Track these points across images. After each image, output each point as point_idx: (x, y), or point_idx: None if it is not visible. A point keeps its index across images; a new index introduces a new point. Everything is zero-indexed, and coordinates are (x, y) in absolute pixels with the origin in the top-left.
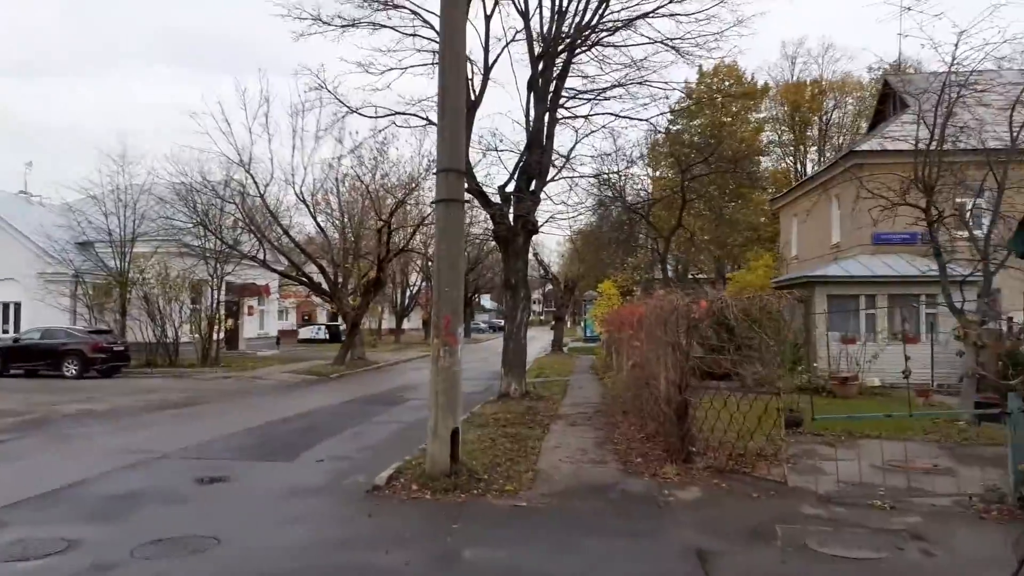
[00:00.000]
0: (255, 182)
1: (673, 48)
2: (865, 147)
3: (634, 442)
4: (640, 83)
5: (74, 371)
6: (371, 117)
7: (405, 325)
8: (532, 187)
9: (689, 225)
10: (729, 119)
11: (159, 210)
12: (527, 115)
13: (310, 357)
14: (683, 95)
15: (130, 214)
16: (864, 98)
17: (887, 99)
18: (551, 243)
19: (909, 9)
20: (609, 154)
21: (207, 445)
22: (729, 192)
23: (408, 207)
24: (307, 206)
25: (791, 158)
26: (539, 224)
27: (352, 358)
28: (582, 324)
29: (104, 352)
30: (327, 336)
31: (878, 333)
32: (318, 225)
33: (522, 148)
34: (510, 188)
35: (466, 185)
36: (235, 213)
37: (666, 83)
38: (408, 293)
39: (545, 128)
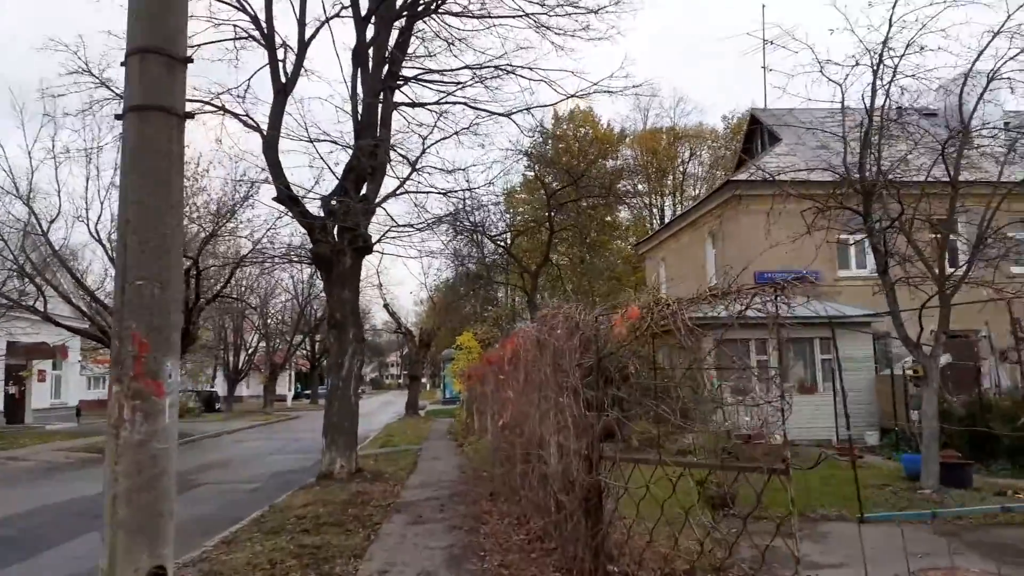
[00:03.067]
0: (36, 219)
1: (540, 24)
2: (743, 177)
3: (512, 552)
4: (499, 69)
5: None
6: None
7: (244, 392)
8: (364, 191)
9: (556, 262)
10: (585, 165)
11: None
12: (353, 95)
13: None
14: (539, 134)
15: None
16: (717, 148)
17: (753, 136)
18: (407, 302)
19: (772, 43)
20: (463, 169)
21: None
22: (590, 239)
23: (221, 242)
24: (103, 246)
25: (647, 210)
26: (372, 241)
27: None
28: (441, 385)
29: None
30: (199, 405)
31: (779, 383)
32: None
33: (349, 149)
34: (333, 204)
35: (275, 186)
36: (4, 253)
37: (531, 69)
38: (244, 355)
39: (380, 113)
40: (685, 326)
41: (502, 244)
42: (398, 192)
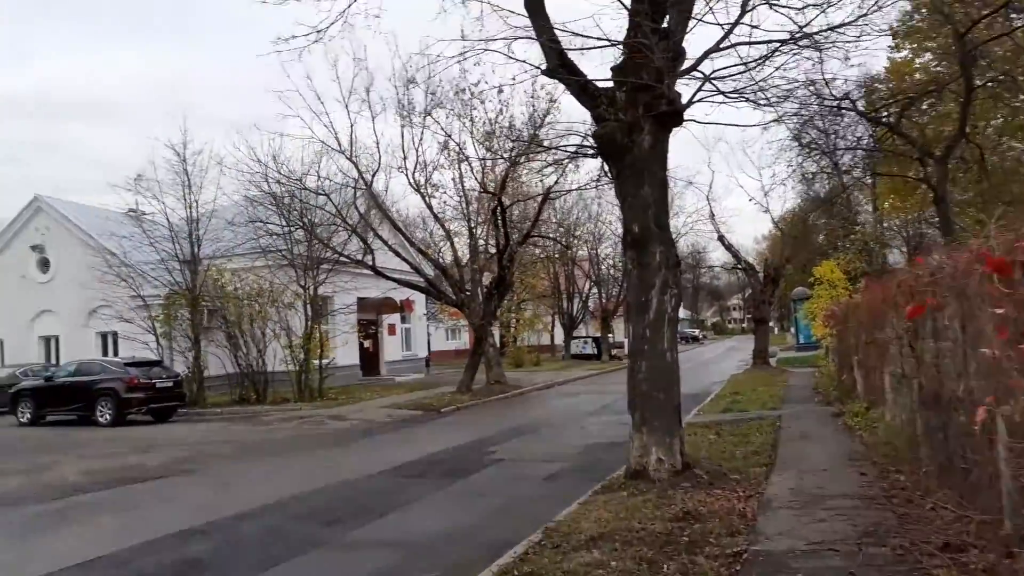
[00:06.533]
0: (359, 171)
1: None
2: None
3: None
4: None
5: (108, 416)
6: None
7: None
8: (665, 23)
9: (974, 137)
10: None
11: (237, 212)
12: None
13: (450, 381)
14: None
15: (196, 215)
16: None
17: None
18: (746, 239)
19: None
20: (818, 4)
21: None
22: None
23: (521, 175)
24: (421, 194)
25: None
26: (683, 102)
27: (489, 381)
28: (792, 328)
29: (142, 390)
30: (595, 351)
31: None
32: (435, 216)
33: None
34: (621, 54)
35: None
36: (328, 209)
37: None
38: (579, 302)
39: None
40: None
41: (883, 119)
42: (722, 45)
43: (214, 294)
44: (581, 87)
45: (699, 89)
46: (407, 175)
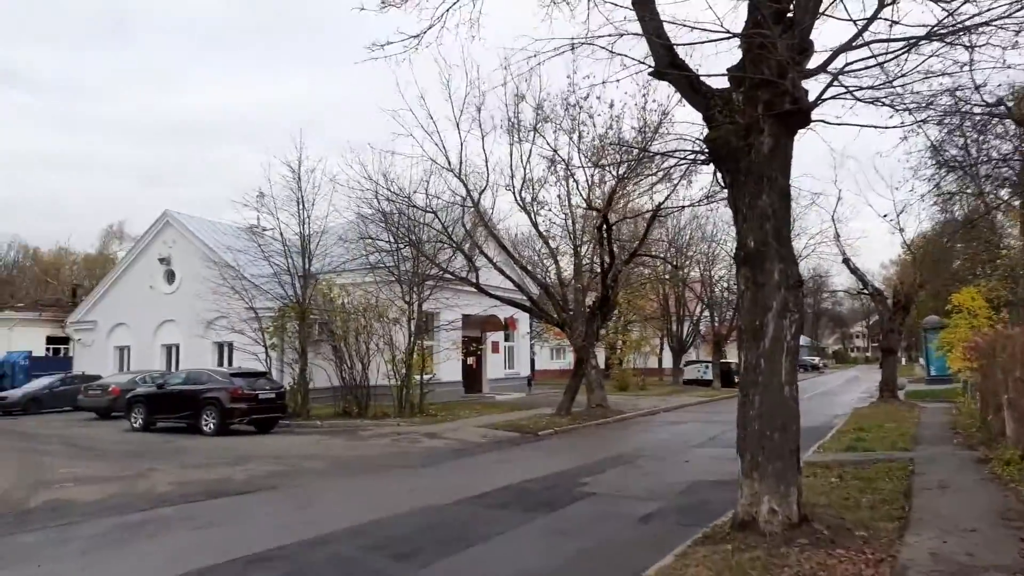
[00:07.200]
0: (467, 189)
1: None
2: None
3: None
4: None
5: (212, 426)
6: None
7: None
8: (791, 13)
9: None
10: None
11: (348, 228)
12: None
13: (551, 402)
14: None
15: (308, 231)
16: None
17: None
18: (872, 263)
19: None
20: None
21: None
22: None
23: (630, 192)
24: (527, 212)
25: None
26: (809, 101)
27: (590, 404)
28: (922, 359)
29: (245, 401)
30: (711, 377)
31: None
32: (539, 233)
33: None
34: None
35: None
36: (436, 227)
37: None
38: (689, 325)
39: None
40: None
41: None
42: (855, 42)
43: (323, 307)
44: (691, 85)
45: (828, 86)
46: (514, 193)
